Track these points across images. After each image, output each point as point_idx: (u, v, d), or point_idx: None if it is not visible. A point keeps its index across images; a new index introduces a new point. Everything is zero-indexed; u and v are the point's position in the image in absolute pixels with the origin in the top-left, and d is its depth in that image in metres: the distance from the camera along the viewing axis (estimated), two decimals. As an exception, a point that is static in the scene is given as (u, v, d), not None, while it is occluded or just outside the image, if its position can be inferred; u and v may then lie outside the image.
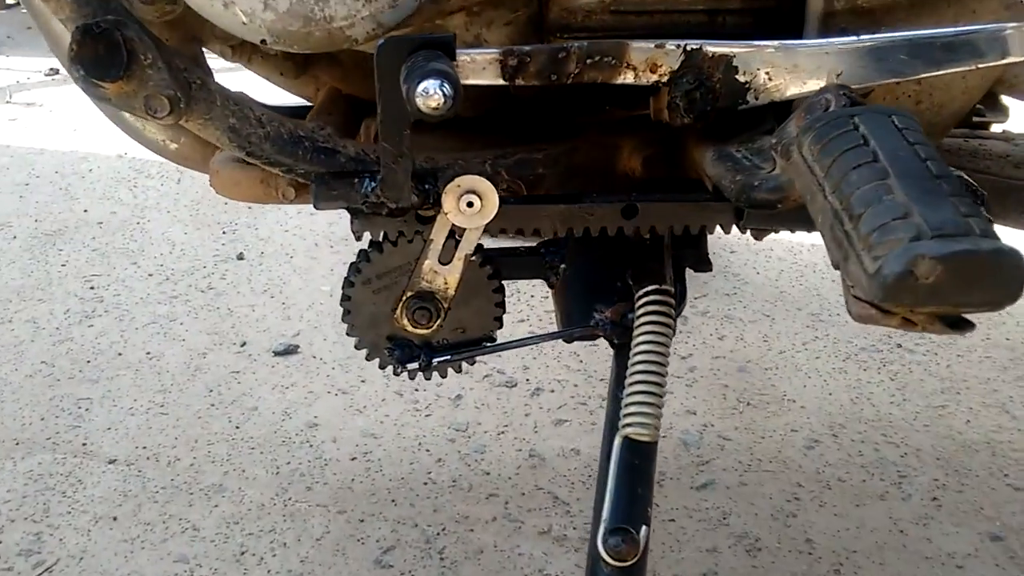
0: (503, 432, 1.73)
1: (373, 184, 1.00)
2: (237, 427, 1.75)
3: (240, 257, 2.42)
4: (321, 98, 1.37)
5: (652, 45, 0.99)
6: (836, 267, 0.76)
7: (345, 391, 1.87)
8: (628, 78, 1.01)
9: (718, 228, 1.09)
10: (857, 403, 1.80)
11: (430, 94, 0.87)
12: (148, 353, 2.01)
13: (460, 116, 1.27)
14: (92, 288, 2.28)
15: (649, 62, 1.00)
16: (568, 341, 1.16)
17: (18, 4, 4.80)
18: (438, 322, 1.08)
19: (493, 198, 1.00)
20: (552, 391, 1.85)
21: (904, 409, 1.79)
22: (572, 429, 1.74)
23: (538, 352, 1.98)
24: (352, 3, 0.95)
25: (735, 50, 1.00)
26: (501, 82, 0.99)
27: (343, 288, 1.09)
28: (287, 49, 0.98)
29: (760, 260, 2.32)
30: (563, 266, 1.16)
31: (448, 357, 1.09)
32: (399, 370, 1.10)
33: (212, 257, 2.43)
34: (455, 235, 1.05)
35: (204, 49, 1.36)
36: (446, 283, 1.07)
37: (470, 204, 1.00)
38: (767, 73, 1.00)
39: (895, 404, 1.80)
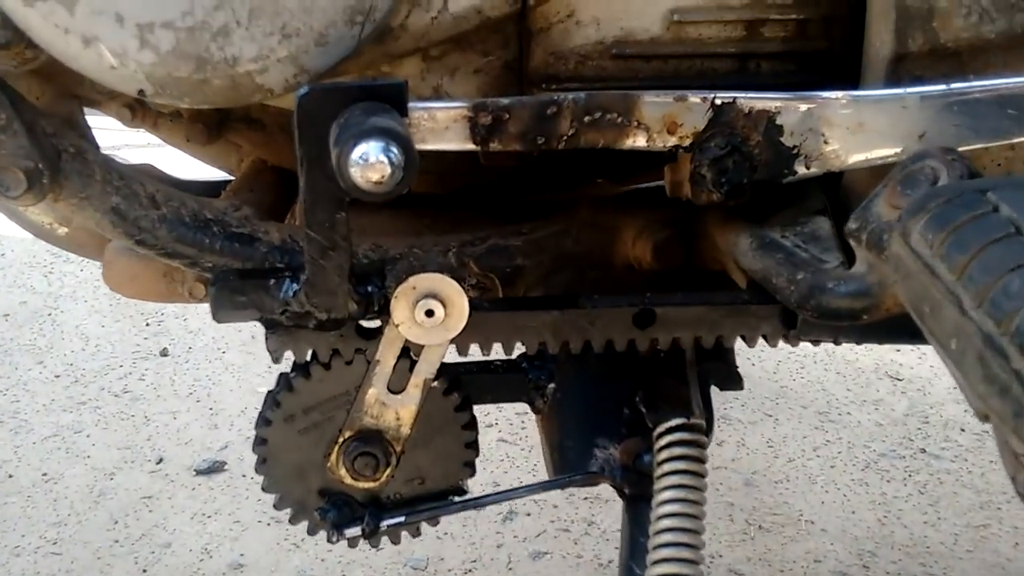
0: (470, 570, 1.43)
1: (295, 286, 0.73)
2: (144, 570, 1.43)
3: (164, 353, 2.12)
4: (243, 170, 1.10)
5: (671, 98, 0.75)
6: (984, 419, 0.50)
7: (279, 519, 1.56)
8: (639, 141, 0.76)
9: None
10: (886, 523, 1.54)
11: (370, 162, 0.60)
12: (44, 475, 1.68)
13: (414, 192, 1.01)
14: (-13, 393, 1.96)
15: (666, 120, 0.75)
16: (562, 487, 0.88)
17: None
18: (388, 471, 0.79)
19: (461, 304, 0.74)
20: (528, 514, 1.56)
21: (940, 530, 1.52)
22: (553, 564, 1.44)
23: (510, 464, 1.70)
24: (264, 39, 0.69)
25: (780, 104, 0.75)
26: (470, 146, 0.73)
27: (257, 427, 0.81)
28: (173, 103, 0.72)
29: (754, 349, 2.06)
30: (552, 386, 0.89)
31: (402, 519, 0.80)
32: (335, 537, 0.81)
33: (131, 354, 2.12)
34: (410, 353, 0.77)
35: (97, 110, 1.09)
36: (398, 419, 0.79)
37: (429, 313, 0.73)
38: (823, 134, 0.75)
39: (929, 524, 1.54)
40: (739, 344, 0.84)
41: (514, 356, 0.92)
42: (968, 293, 0.51)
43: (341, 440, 0.79)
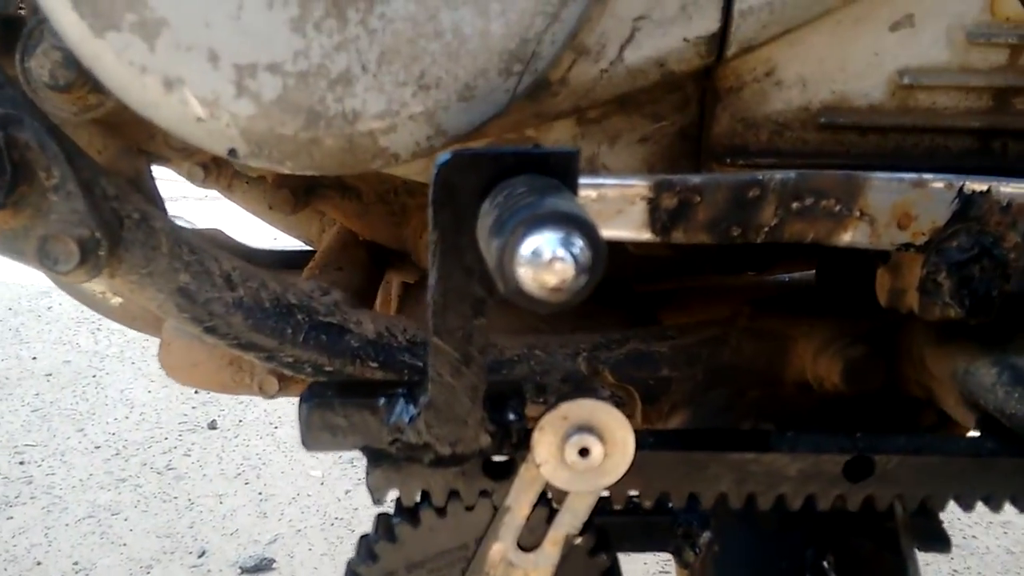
0: None
1: (413, 410, 0.56)
2: None
3: (212, 426, 1.96)
4: (328, 242, 0.95)
5: (907, 182, 0.57)
6: None
7: (332, 633, 1.37)
8: (859, 237, 0.59)
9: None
10: None
11: (547, 260, 0.43)
12: (75, 564, 1.52)
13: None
14: (21, 463, 1.81)
15: (898, 211, 0.58)
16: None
17: None
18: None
19: (625, 442, 0.56)
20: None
21: None
22: None
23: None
24: (395, 90, 0.53)
25: (1050, 196, 0.57)
26: (646, 236, 0.56)
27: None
28: (271, 167, 0.56)
29: (994, 526, 1.79)
30: (707, 535, 0.70)
31: None
32: None
33: (177, 425, 1.97)
34: (549, 501, 0.60)
35: (165, 167, 0.95)
36: None
37: (584, 452, 0.56)
38: (1104, 238, 0.58)
39: None
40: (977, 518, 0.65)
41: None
42: None
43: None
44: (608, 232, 0.55)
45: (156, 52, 0.53)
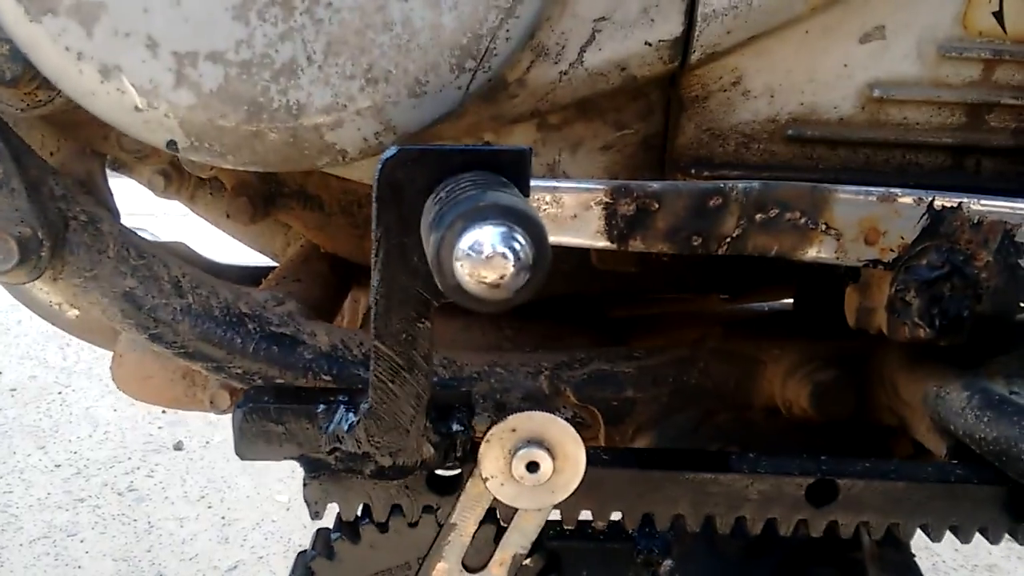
0: None
1: (353, 417, 0.53)
2: None
3: (178, 447, 1.92)
4: (290, 255, 0.92)
5: (874, 196, 0.55)
6: None
7: (290, 662, 1.32)
8: (824, 252, 0.57)
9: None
10: None
11: (486, 255, 0.41)
12: (26, 584, 1.47)
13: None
14: (-21, 480, 1.76)
15: (865, 226, 0.56)
16: None
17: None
18: None
19: (576, 458, 0.53)
20: None
21: None
22: None
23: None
24: (342, 83, 0.50)
25: (1023, 214, 0.55)
26: (605, 244, 0.54)
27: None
28: (212, 161, 0.53)
29: (979, 569, 1.76)
30: (668, 563, 0.67)
31: None
32: None
33: (142, 445, 1.92)
34: (497, 519, 0.57)
35: (127, 175, 0.93)
36: None
37: (532, 467, 0.53)
38: (1077, 258, 0.56)
39: None
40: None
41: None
42: None
43: (396, 637, 0.58)
44: (563, 239, 0.53)
45: (93, 38, 0.50)
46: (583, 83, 0.57)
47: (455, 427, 0.54)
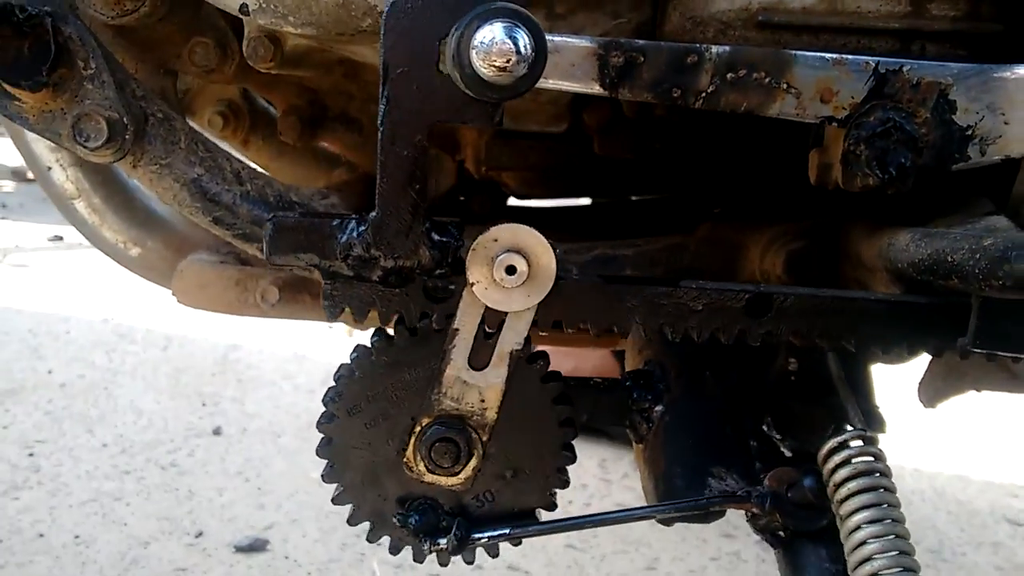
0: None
1: (361, 227, 0.63)
2: (167, 643, 1.28)
3: (216, 432, 2.02)
4: (336, 177, 1.04)
5: (828, 59, 0.66)
6: None
7: (320, 604, 1.41)
8: (787, 108, 0.67)
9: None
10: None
11: (496, 45, 0.52)
12: (77, 537, 1.57)
13: (522, 194, 0.93)
14: (31, 455, 1.87)
15: (820, 86, 0.66)
16: (667, 523, 0.74)
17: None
18: (472, 465, 0.67)
19: (548, 262, 0.63)
20: (596, 624, 1.38)
21: None
22: None
23: (578, 571, 1.53)
24: (383, -46, 0.62)
25: (955, 76, 0.66)
26: (597, 89, 0.64)
27: (319, 427, 0.70)
28: (277, 24, 0.65)
29: (984, 545, 1.84)
30: (660, 409, 0.76)
31: (495, 533, 0.67)
32: (426, 546, 0.68)
33: (184, 431, 2.03)
34: (495, 324, 0.66)
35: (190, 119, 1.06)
36: (483, 400, 0.67)
37: (511, 270, 0.63)
38: (1003, 114, 0.66)
39: None
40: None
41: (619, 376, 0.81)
42: None
43: (418, 429, 0.67)
44: (563, 83, 0.64)
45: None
46: (582, -27, 0.68)
47: (447, 238, 0.64)
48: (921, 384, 0.86)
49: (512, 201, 1.02)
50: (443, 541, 0.67)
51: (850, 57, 0.66)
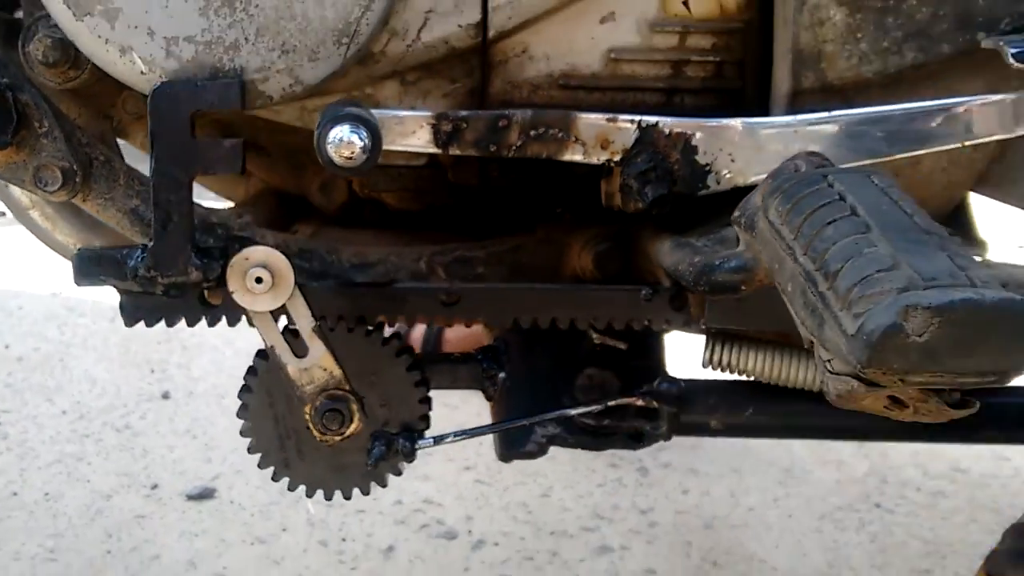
0: (438, 591, 1.52)
1: (143, 255, 0.86)
2: (133, 576, 1.52)
3: (165, 396, 2.24)
4: (248, 192, 1.25)
5: (603, 119, 0.90)
6: (809, 344, 0.62)
7: (263, 540, 1.65)
8: (576, 155, 0.90)
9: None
10: (834, 567, 1.62)
11: (343, 142, 0.75)
12: (46, 494, 1.79)
13: (400, 209, 1.15)
14: (-3, 425, 2.07)
15: (600, 138, 0.90)
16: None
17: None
18: (357, 415, 0.91)
19: (287, 274, 0.86)
20: (496, 544, 1.65)
21: (885, 573, 1.60)
22: (517, 588, 1.53)
23: (484, 502, 1.79)
24: (267, 53, 0.84)
25: (694, 129, 0.90)
26: (433, 149, 0.88)
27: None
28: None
29: (725, 414, 2.17)
30: (502, 375, 1.01)
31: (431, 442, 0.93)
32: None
33: (136, 396, 2.24)
34: (288, 323, 0.90)
35: (125, 140, 1.25)
36: (326, 369, 0.91)
37: (259, 280, 0.86)
38: (730, 155, 0.90)
39: (876, 568, 1.62)
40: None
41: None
42: (799, 244, 0.64)
43: (308, 415, 0.92)
44: (407, 144, 0.87)
45: (115, 29, 0.84)
46: (423, 52, 0.90)
47: (209, 259, 0.86)
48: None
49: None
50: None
51: (620, 116, 0.90)
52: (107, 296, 2.46)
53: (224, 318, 0.93)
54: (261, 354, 0.93)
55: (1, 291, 2.97)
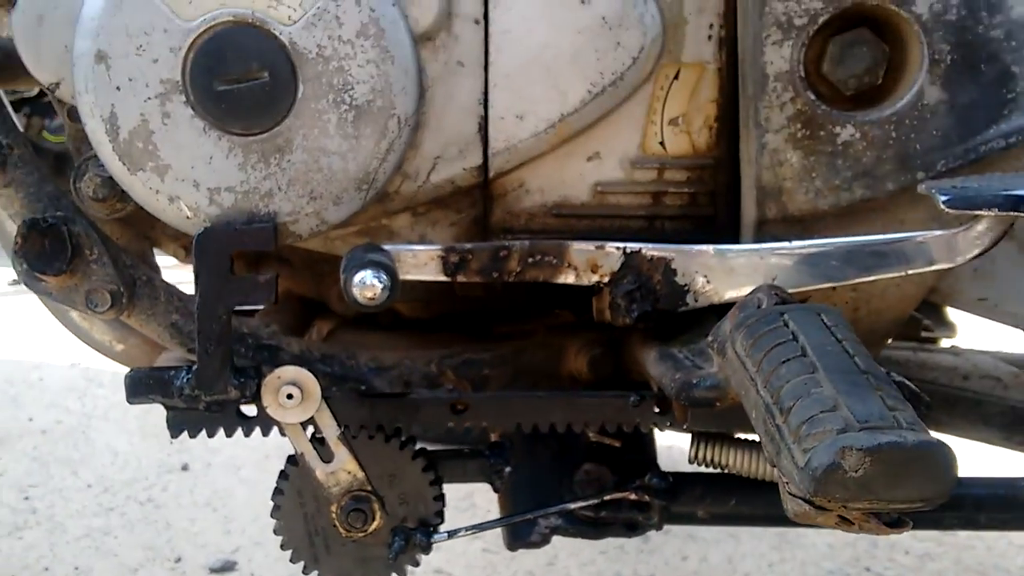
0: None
1: (187, 376, 0.98)
2: (161, 650, 1.62)
3: (185, 468, 2.34)
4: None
5: (592, 247, 1.01)
6: (772, 464, 0.74)
7: (282, 611, 1.75)
8: (569, 278, 1.02)
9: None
10: (825, 628, 1.71)
11: (367, 284, 0.87)
12: (76, 568, 1.89)
13: (412, 317, 1.27)
14: (27, 499, 2.18)
15: (590, 263, 1.01)
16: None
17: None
18: (378, 510, 1.02)
19: (314, 391, 0.97)
20: (503, 613, 1.75)
21: (875, 635, 1.70)
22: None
23: (491, 571, 1.89)
24: (297, 200, 0.96)
25: (673, 254, 1.01)
26: (443, 278, 0.99)
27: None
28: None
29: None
30: (507, 468, 1.12)
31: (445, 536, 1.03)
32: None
33: (156, 468, 2.35)
34: (316, 432, 1.02)
35: (159, 249, 1.37)
36: (350, 473, 1.02)
37: (290, 396, 0.98)
38: (705, 277, 1.01)
39: (865, 630, 1.71)
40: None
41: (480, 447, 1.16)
42: (760, 379, 0.75)
43: (335, 514, 1.03)
44: (420, 274, 0.99)
45: (164, 182, 0.96)
46: (432, 190, 1.02)
47: (245, 379, 0.97)
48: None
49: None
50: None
51: (608, 244, 1.01)
52: (124, 367, 2.55)
53: (259, 428, 1.04)
54: (292, 460, 1.04)
55: (22, 362, 3.09)
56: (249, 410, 1.03)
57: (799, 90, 0.97)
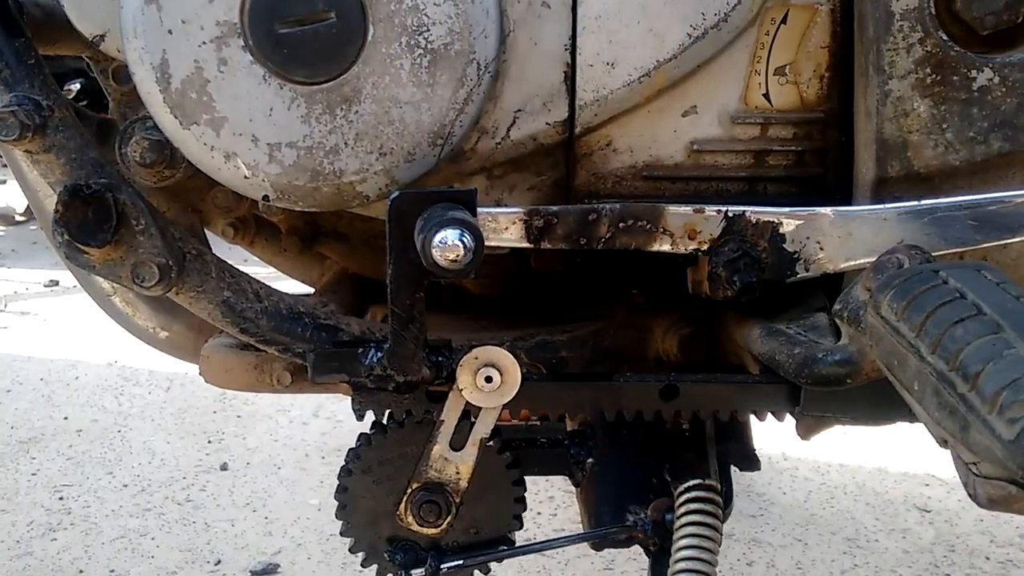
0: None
1: (379, 355, 0.88)
2: (203, 657, 1.52)
3: (224, 467, 2.25)
4: (327, 278, 1.28)
5: (691, 210, 0.91)
6: (943, 443, 0.62)
7: (329, 618, 1.65)
8: (664, 245, 0.91)
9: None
10: (911, 640, 1.59)
11: (448, 245, 0.76)
12: (112, 571, 1.80)
13: (479, 295, 1.17)
14: (61, 499, 2.10)
15: (687, 228, 0.91)
16: (598, 548, 0.99)
17: (26, 220, 4.86)
18: (448, 519, 0.92)
19: (515, 373, 0.88)
20: (563, 619, 1.64)
21: (964, 648, 1.57)
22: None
23: (545, 575, 1.78)
24: (365, 156, 0.87)
25: (782, 216, 0.91)
26: (525, 244, 0.89)
27: (339, 477, 0.94)
28: (290, 206, 0.89)
29: (785, 480, 2.16)
30: (591, 461, 1.02)
31: (460, 562, 0.92)
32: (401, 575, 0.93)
33: (194, 467, 2.26)
34: (470, 416, 0.91)
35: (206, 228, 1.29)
36: (458, 473, 0.92)
37: (488, 379, 0.88)
38: (818, 242, 0.91)
39: (954, 642, 1.59)
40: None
41: (559, 436, 1.06)
42: (924, 343, 0.64)
43: (409, 491, 0.92)
44: (500, 240, 0.89)
45: (220, 137, 0.87)
46: (511, 149, 0.92)
47: (441, 359, 0.89)
48: (797, 422, 1.11)
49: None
50: (419, 571, 0.92)
51: (708, 207, 0.91)
52: (162, 365, 2.50)
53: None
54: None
55: (58, 361, 3.02)
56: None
57: (929, 29, 0.86)
